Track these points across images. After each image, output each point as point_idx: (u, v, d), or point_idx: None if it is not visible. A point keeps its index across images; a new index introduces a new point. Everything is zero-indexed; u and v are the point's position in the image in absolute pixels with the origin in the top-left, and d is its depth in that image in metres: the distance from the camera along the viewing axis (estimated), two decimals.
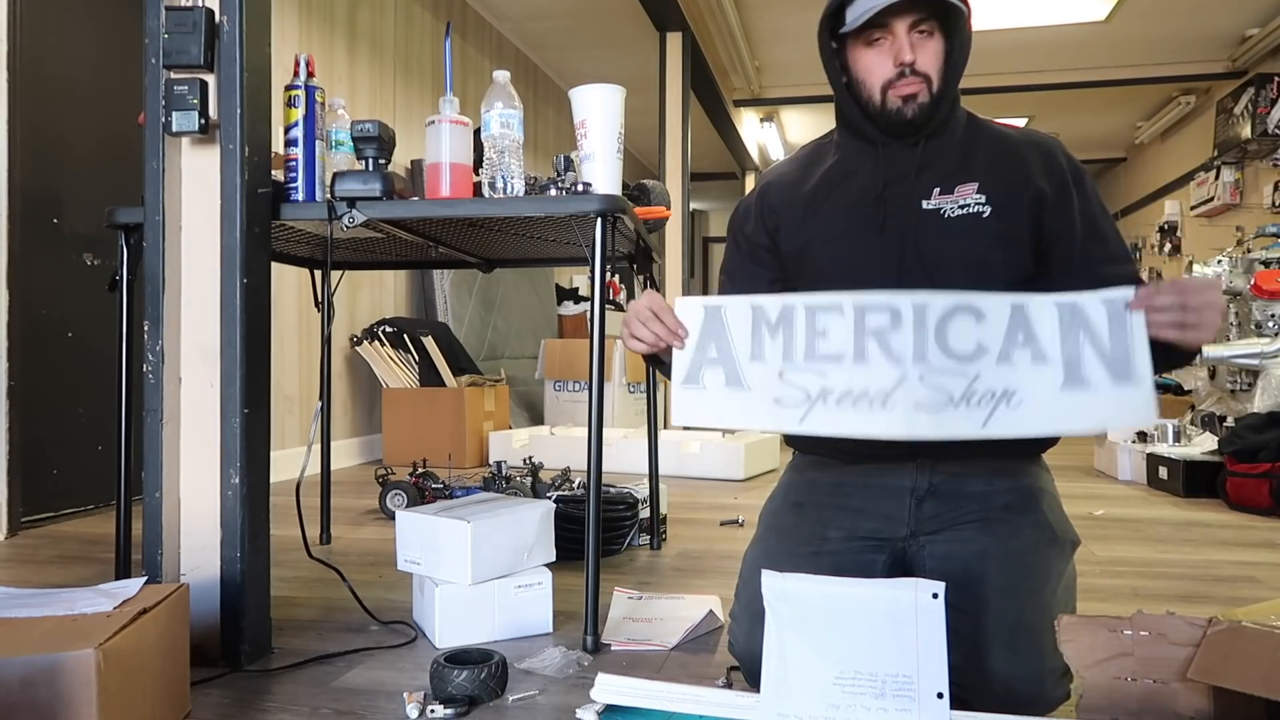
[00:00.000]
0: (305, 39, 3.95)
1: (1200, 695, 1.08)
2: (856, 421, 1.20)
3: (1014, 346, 1.16)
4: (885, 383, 1.18)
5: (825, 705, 1.08)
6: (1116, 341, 1.14)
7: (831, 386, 1.21)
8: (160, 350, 1.55)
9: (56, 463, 2.91)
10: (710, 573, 2.23)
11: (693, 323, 1.29)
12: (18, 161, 2.73)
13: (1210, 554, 2.50)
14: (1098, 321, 1.15)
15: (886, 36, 1.32)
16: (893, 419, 1.18)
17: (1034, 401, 1.15)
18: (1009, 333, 1.16)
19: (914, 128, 1.34)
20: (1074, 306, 1.16)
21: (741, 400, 1.25)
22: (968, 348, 1.17)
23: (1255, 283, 3.95)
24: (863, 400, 1.19)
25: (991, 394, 1.16)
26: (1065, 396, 1.15)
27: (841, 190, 1.39)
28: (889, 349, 1.19)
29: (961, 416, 1.16)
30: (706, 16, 6.01)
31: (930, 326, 1.18)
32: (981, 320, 1.17)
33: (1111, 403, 1.14)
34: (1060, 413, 1.15)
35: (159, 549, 1.55)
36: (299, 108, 1.74)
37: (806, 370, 1.22)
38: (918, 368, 1.17)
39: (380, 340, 4.35)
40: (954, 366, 1.17)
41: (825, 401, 1.21)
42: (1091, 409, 1.14)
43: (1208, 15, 5.80)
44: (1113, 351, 1.14)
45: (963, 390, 1.16)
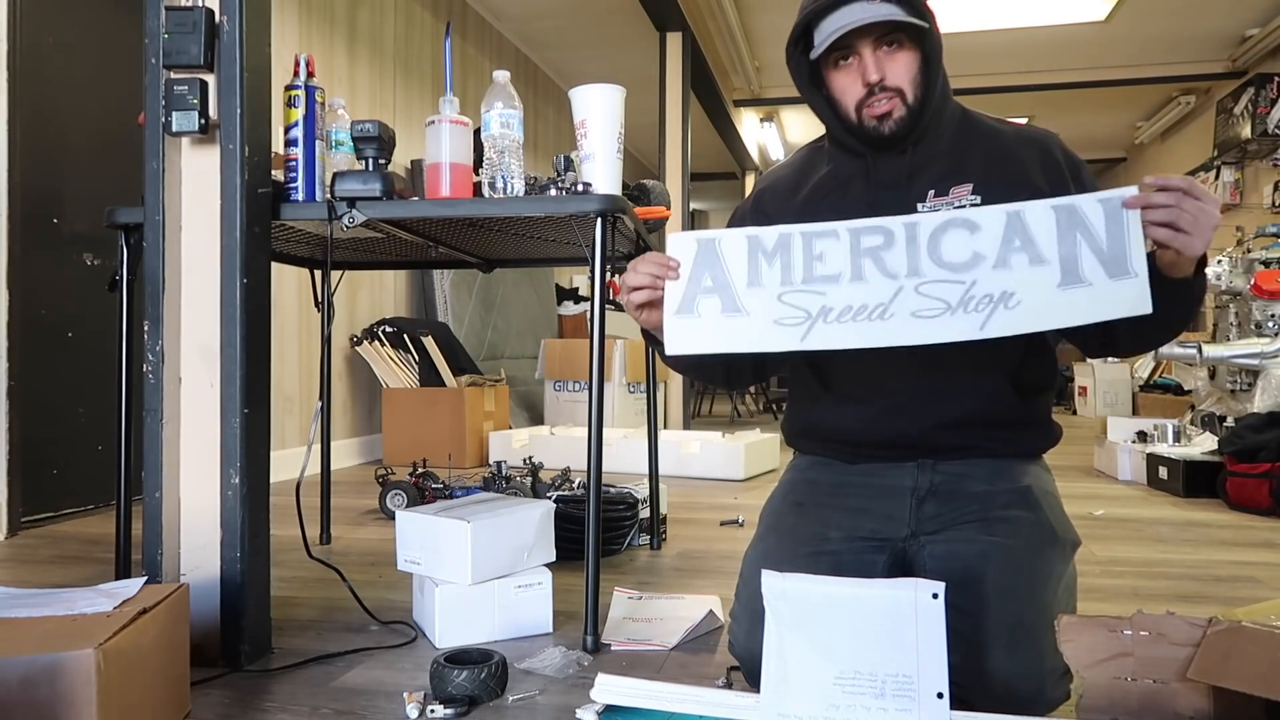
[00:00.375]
0: (305, 39, 3.95)
1: (1200, 695, 1.08)
2: (856, 334, 1.21)
3: (1010, 252, 1.18)
4: (883, 296, 1.20)
5: (825, 705, 1.08)
6: (1113, 239, 1.15)
7: (831, 304, 1.22)
8: (160, 350, 1.55)
9: (56, 463, 2.91)
10: (710, 573, 2.23)
11: (686, 256, 1.29)
12: (18, 161, 2.73)
13: (1210, 554, 2.50)
14: (1095, 221, 1.16)
15: (853, 57, 1.31)
16: (891, 328, 1.20)
17: (1031, 301, 1.17)
18: (1005, 239, 1.18)
19: (895, 142, 1.33)
20: (1070, 208, 1.17)
21: (740, 325, 1.26)
22: (962, 258, 1.19)
23: (1255, 283, 3.95)
24: (861, 314, 1.21)
25: (989, 297, 1.17)
26: (1062, 293, 1.16)
27: (834, 199, 1.39)
28: (884, 266, 1.21)
29: (959, 321, 1.18)
30: (706, 16, 6.01)
31: (922, 242, 1.20)
32: (976, 231, 1.19)
33: (1108, 295, 1.14)
34: (1057, 308, 1.16)
35: (159, 549, 1.55)
36: (299, 108, 1.74)
37: (805, 291, 1.23)
38: (913, 280, 1.19)
39: (380, 340, 4.36)
40: (949, 275, 1.19)
41: (825, 319, 1.22)
42: (1088, 303, 1.15)
43: (1208, 15, 5.80)
44: (1109, 249, 1.15)
45: (959, 297, 1.18)
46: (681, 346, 1.28)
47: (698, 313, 1.27)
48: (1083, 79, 6.84)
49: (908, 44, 1.31)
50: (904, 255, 1.20)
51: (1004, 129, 1.40)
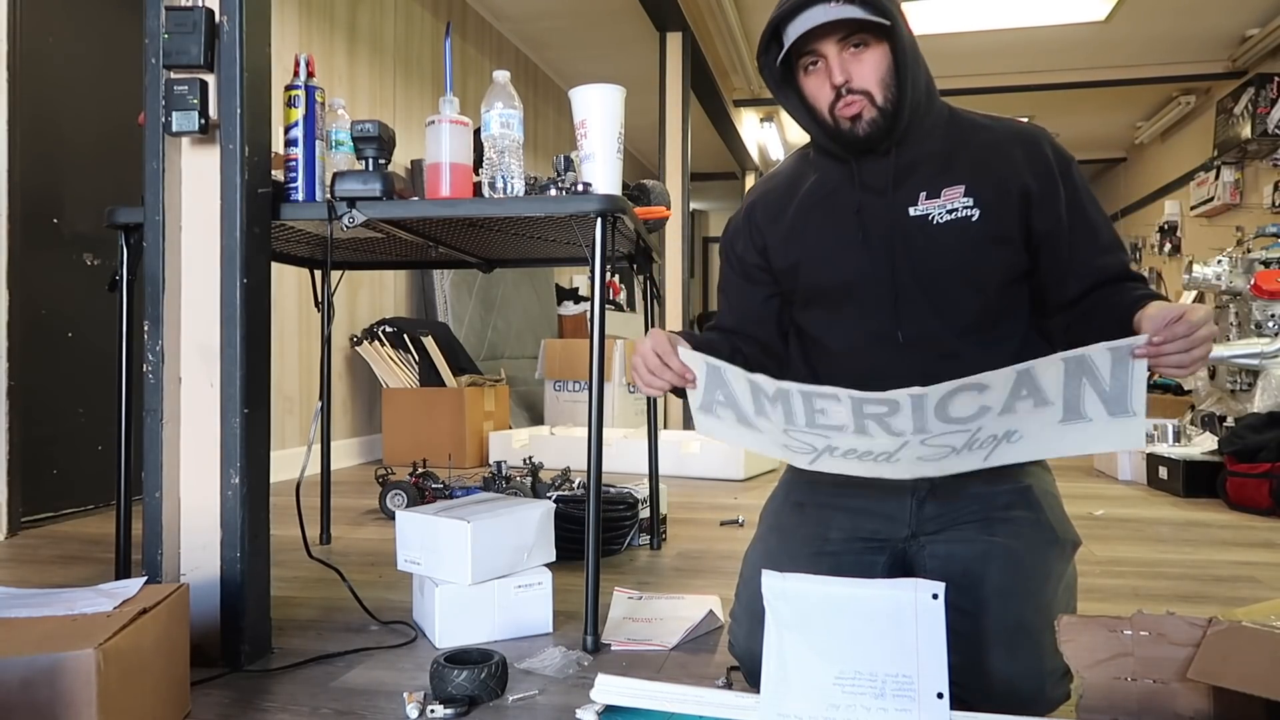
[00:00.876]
0: (305, 39, 3.95)
1: (1200, 695, 1.08)
2: (863, 469, 1.25)
3: (1016, 400, 1.17)
4: (888, 447, 1.22)
5: (825, 705, 1.08)
6: (1117, 381, 1.15)
7: (836, 445, 1.24)
8: (160, 350, 1.55)
9: (56, 463, 2.91)
10: (710, 573, 2.23)
11: (698, 370, 1.29)
12: (18, 161, 2.73)
13: (1210, 554, 2.50)
14: (1101, 368, 1.15)
15: (820, 59, 1.31)
16: (898, 469, 1.23)
17: (1033, 435, 1.18)
18: (1013, 392, 1.17)
19: (871, 143, 1.32)
20: (1080, 360, 1.16)
21: (754, 437, 1.29)
22: (969, 412, 1.18)
23: (1255, 283, 3.95)
24: (868, 456, 1.23)
25: (993, 437, 1.18)
26: (1063, 428, 1.16)
27: (822, 208, 1.38)
28: (889, 427, 1.20)
29: (964, 459, 1.20)
30: (706, 16, 6.01)
31: (929, 409, 1.19)
32: (984, 391, 1.17)
33: (1105, 431, 1.15)
34: (1056, 442, 1.17)
35: (159, 549, 1.55)
36: (299, 108, 1.74)
37: (809, 432, 1.25)
38: (919, 435, 1.19)
39: (380, 340, 4.36)
40: (955, 428, 1.19)
41: (832, 454, 1.25)
42: (1086, 437, 1.16)
43: (1208, 15, 5.80)
44: (1111, 390, 1.15)
45: (965, 441, 1.19)
46: (709, 433, 1.32)
47: (717, 415, 1.29)
48: (1083, 79, 6.83)
49: (875, 45, 1.29)
50: (909, 420, 1.19)
51: (994, 126, 1.38)
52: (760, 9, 5.74)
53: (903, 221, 1.32)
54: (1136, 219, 8.78)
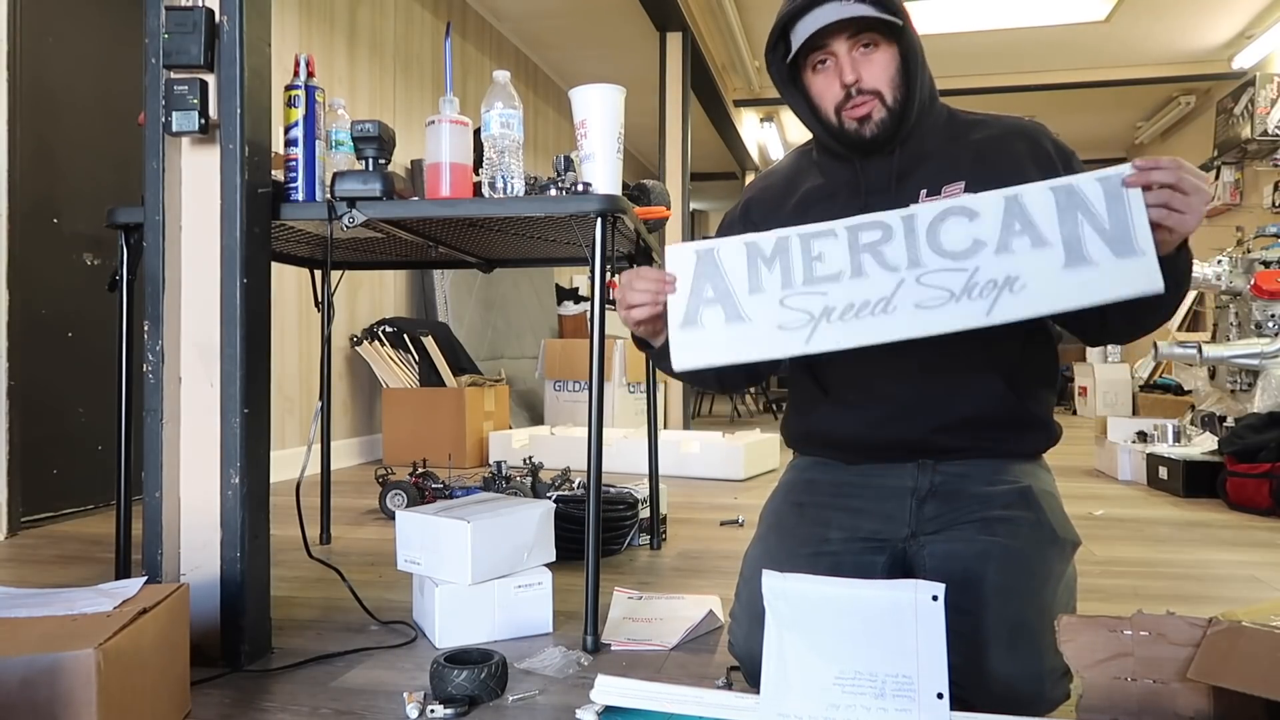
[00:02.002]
0: (305, 39, 3.95)
1: (1200, 695, 1.08)
2: (861, 331, 1.20)
3: (1011, 236, 1.16)
4: (884, 290, 1.19)
5: (825, 705, 1.08)
6: (1116, 219, 1.13)
7: (833, 304, 1.21)
8: (160, 350, 1.55)
9: (56, 463, 2.91)
10: (710, 573, 2.23)
11: (684, 269, 1.28)
12: (18, 161, 2.73)
13: (1210, 554, 2.50)
14: (1095, 201, 1.14)
15: (829, 58, 1.31)
16: (895, 322, 1.18)
17: (1037, 284, 1.15)
18: (1005, 224, 1.16)
19: (878, 144, 1.33)
20: (1069, 188, 1.15)
21: (744, 333, 1.25)
22: (963, 245, 1.17)
23: (1255, 283, 3.95)
24: (865, 310, 1.19)
25: (993, 283, 1.16)
26: (1069, 274, 1.14)
27: (823, 205, 1.38)
28: (884, 260, 1.20)
29: (965, 308, 1.16)
30: (706, 16, 6.01)
31: (921, 233, 1.19)
32: (975, 218, 1.17)
33: (1116, 275, 1.12)
34: (1065, 290, 1.14)
35: (159, 549, 1.55)
36: (299, 108, 1.74)
37: (806, 293, 1.22)
38: (914, 271, 1.18)
39: (380, 340, 4.36)
40: (950, 264, 1.17)
41: (829, 319, 1.21)
42: (1096, 283, 1.13)
43: (1208, 15, 5.80)
44: (1112, 229, 1.13)
45: (962, 284, 1.17)
46: (689, 360, 1.26)
47: (702, 324, 1.26)
48: (1083, 79, 6.84)
49: (884, 45, 1.30)
50: (903, 247, 1.19)
51: (992, 123, 1.39)
52: (760, 9, 5.74)
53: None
54: None
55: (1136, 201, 1.13)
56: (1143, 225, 1.13)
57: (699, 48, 5.98)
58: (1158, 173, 1.12)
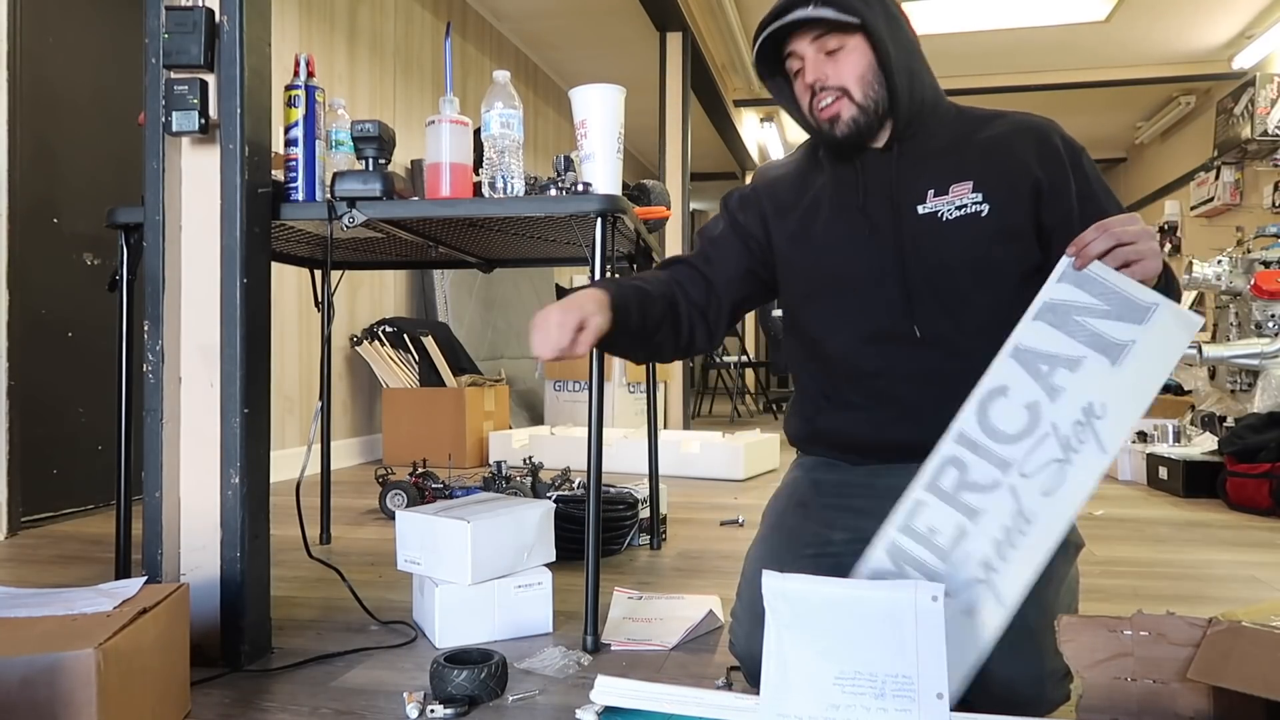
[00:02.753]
0: (305, 39, 3.95)
1: (1200, 695, 1.08)
2: (1030, 554, 1.12)
3: (1050, 378, 1.14)
4: (1006, 507, 1.14)
5: (825, 705, 1.08)
6: (1107, 297, 1.13)
7: (984, 554, 1.14)
8: (160, 350, 1.55)
9: (56, 463, 2.91)
10: (710, 573, 2.23)
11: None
12: (18, 161, 2.73)
13: (1210, 554, 2.50)
14: (1077, 297, 1.13)
15: (800, 63, 1.33)
16: (1043, 524, 1.12)
17: (1109, 394, 1.13)
18: (1033, 374, 1.14)
19: (853, 142, 1.33)
20: (1049, 306, 1.15)
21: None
22: (1023, 419, 1.15)
23: (1255, 283, 3.95)
24: (1012, 539, 1.13)
25: (1078, 425, 1.13)
26: (1123, 369, 1.13)
27: (830, 206, 1.39)
28: (980, 486, 1.15)
29: (1083, 462, 1.12)
30: (706, 16, 6.01)
31: (983, 441, 1.15)
32: (1007, 392, 1.15)
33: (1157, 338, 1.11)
34: (1134, 381, 1.12)
35: (159, 549, 1.55)
36: (299, 108, 1.74)
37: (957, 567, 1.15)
38: (1011, 473, 1.15)
39: (380, 340, 4.35)
40: (1032, 441, 1.15)
41: (992, 571, 1.14)
42: (1150, 355, 1.12)
43: (1208, 15, 5.80)
44: (1113, 307, 1.13)
45: (1059, 447, 1.14)
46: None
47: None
48: (1083, 79, 6.84)
49: (851, 45, 1.30)
50: (984, 464, 1.15)
51: (1003, 120, 1.38)
52: (760, 9, 5.72)
53: (911, 220, 1.32)
54: None
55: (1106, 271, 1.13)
56: (1130, 283, 1.13)
57: (699, 48, 5.97)
58: (1094, 246, 1.14)
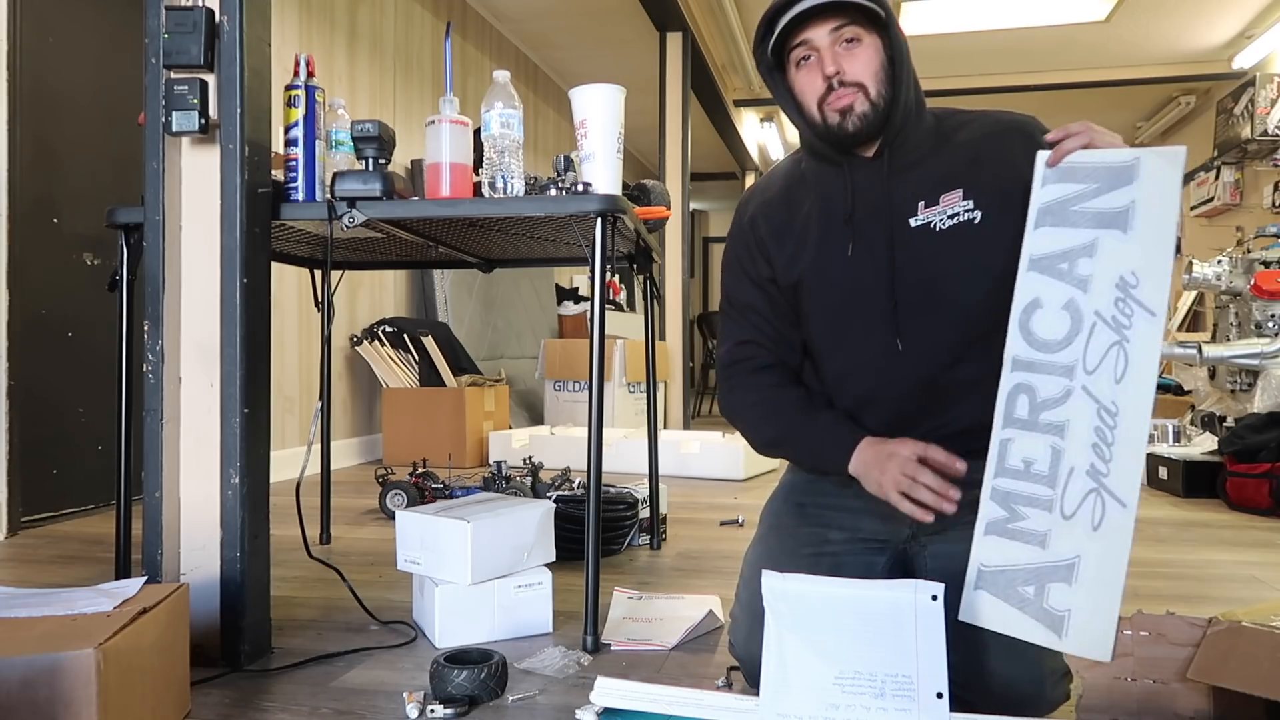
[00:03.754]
0: (305, 39, 3.95)
1: (1200, 695, 1.08)
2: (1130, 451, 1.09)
3: (1075, 273, 1.15)
4: (1085, 407, 1.11)
5: (825, 705, 1.08)
6: (1090, 178, 1.16)
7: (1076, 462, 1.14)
8: (160, 350, 1.55)
9: (56, 463, 2.91)
10: (710, 573, 2.23)
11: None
12: (18, 161, 2.73)
13: (1210, 554, 2.50)
14: (1063, 192, 1.17)
15: (812, 52, 1.29)
16: (1128, 398, 1.09)
17: (1135, 262, 1.11)
18: (1057, 277, 1.16)
19: (862, 139, 1.31)
20: (1042, 209, 1.18)
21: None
22: (1065, 323, 1.15)
23: (1255, 283, 3.94)
24: (1105, 430, 1.10)
25: (1117, 301, 1.11)
26: (1136, 233, 1.12)
27: (821, 220, 1.36)
28: (1052, 399, 1.15)
29: (1139, 334, 1.09)
30: (706, 16, 6.01)
31: (1032, 357, 1.16)
32: (1041, 304, 1.17)
33: (1150, 187, 1.13)
34: (1153, 238, 1.11)
35: (159, 549, 1.55)
36: (299, 108, 1.74)
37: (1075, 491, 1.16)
38: (1075, 377, 1.13)
39: (380, 340, 4.35)
40: (1083, 340, 1.13)
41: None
42: (1154, 208, 1.13)
43: (1208, 15, 5.80)
44: (1101, 183, 1.15)
45: (1110, 331, 1.11)
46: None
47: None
48: (1083, 79, 6.83)
49: (868, 40, 1.28)
50: (1048, 378, 1.14)
51: (979, 121, 1.36)
52: (760, 9, 5.72)
53: (904, 233, 1.30)
54: None
55: (1079, 157, 1.17)
56: (1104, 153, 1.17)
57: (699, 48, 5.97)
58: (1067, 144, 1.19)
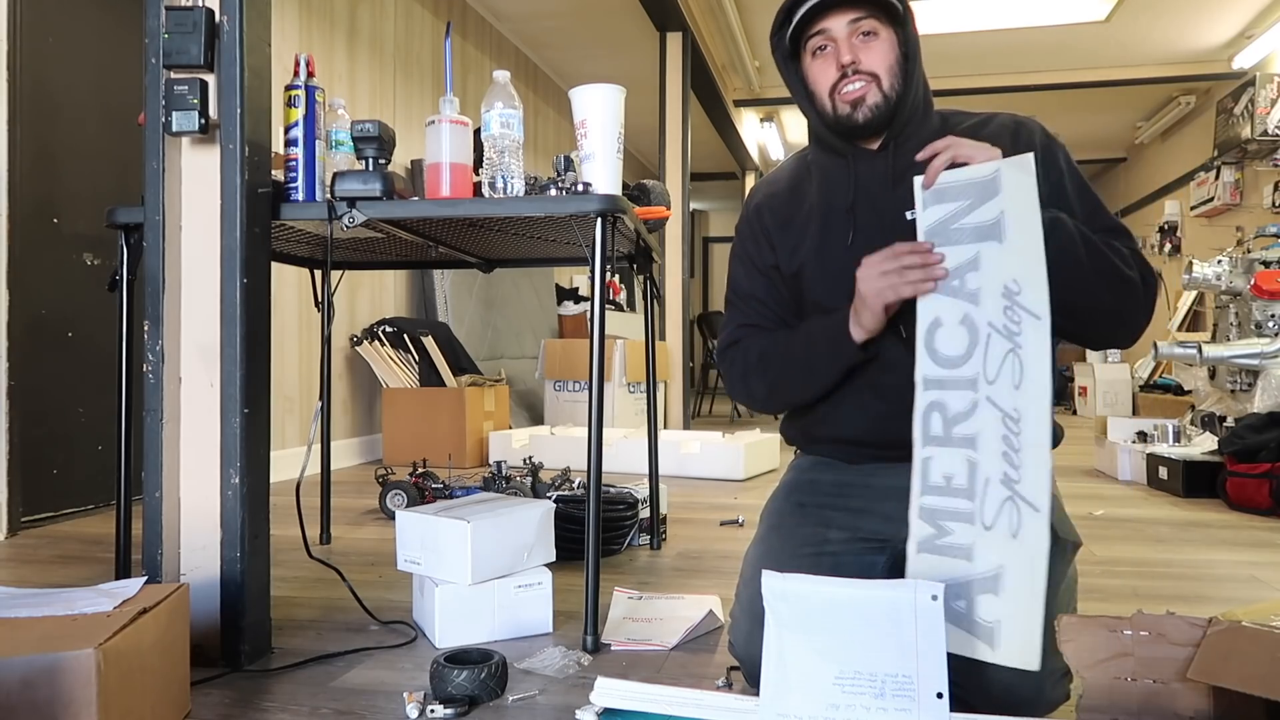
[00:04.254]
0: (305, 39, 3.95)
1: (1200, 695, 1.08)
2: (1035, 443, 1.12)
3: (966, 288, 1.18)
4: (991, 416, 1.14)
5: (825, 705, 1.08)
6: (961, 196, 1.17)
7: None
8: (160, 350, 1.55)
9: (56, 463, 2.91)
10: (710, 573, 2.23)
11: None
12: (18, 161, 2.73)
13: (1210, 554, 2.50)
14: (941, 214, 1.18)
15: (829, 43, 1.31)
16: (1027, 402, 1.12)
17: (1014, 269, 1.13)
18: (952, 294, 1.18)
19: (870, 130, 1.32)
20: (928, 232, 1.20)
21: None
22: (964, 338, 1.18)
23: (1255, 283, 3.94)
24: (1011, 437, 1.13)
25: (1005, 309, 1.13)
26: (1010, 241, 1.14)
27: (823, 210, 1.39)
28: (962, 413, 1.18)
29: (1028, 338, 1.11)
30: (706, 16, 6.01)
31: (939, 374, 1.19)
32: (941, 322, 1.19)
33: (1013, 195, 1.14)
34: (1025, 243, 1.12)
35: (159, 549, 1.55)
36: (299, 108, 1.74)
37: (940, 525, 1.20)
38: (979, 388, 1.16)
39: (380, 340, 4.35)
40: (981, 351, 1.16)
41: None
42: (1019, 214, 1.14)
43: (1208, 15, 5.80)
44: (971, 199, 1.17)
45: (1003, 339, 1.13)
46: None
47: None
48: (1083, 79, 6.83)
49: (884, 35, 1.31)
50: (955, 393, 1.17)
51: (984, 122, 1.38)
52: (760, 9, 5.74)
53: (900, 225, 1.32)
54: (1136, 219, 8.78)
55: (949, 176, 1.19)
56: (969, 170, 1.18)
57: (699, 48, 5.97)
58: (934, 164, 1.21)
